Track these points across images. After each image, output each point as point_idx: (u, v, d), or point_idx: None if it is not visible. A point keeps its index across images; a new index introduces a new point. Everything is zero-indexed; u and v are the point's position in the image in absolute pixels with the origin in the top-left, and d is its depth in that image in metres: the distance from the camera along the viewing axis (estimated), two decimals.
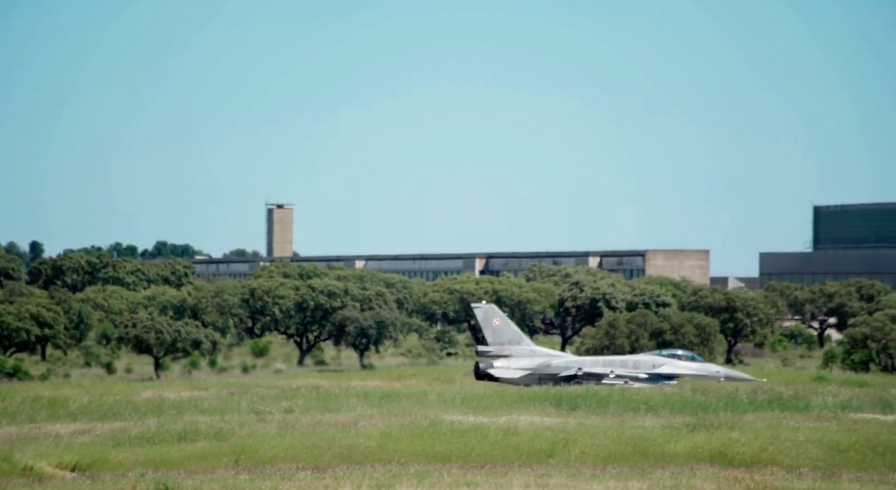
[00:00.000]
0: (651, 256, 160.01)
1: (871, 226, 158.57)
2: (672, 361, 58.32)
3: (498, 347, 59.64)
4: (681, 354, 59.26)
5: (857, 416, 41.19)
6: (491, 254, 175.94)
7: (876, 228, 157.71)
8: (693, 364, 58.55)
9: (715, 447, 34.38)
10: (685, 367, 58.27)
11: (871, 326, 78.54)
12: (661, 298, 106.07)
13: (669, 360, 58.34)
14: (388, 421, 40.08)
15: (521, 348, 59.48)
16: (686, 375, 58.00)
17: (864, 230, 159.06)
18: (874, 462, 33.07)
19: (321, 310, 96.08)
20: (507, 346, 59.56)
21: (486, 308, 61.18)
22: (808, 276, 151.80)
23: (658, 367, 57.98)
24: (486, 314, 60.74)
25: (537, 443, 35.32)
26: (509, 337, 59.89)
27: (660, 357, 58.81)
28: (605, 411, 43.66)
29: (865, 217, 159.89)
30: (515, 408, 44.35)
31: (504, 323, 60.29)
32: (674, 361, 58.35)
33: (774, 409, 43.88)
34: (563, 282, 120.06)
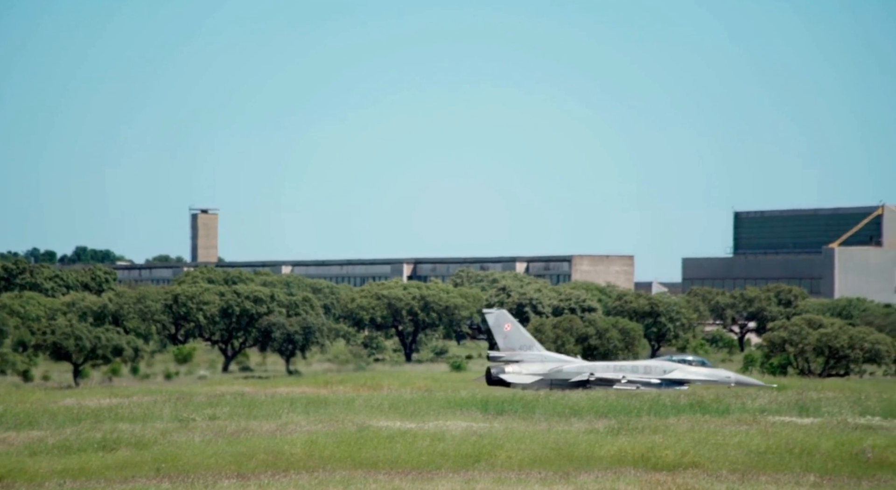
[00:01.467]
0: (577, 262, 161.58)
1: (789, 232, 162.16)
2: (683, 367, 58.39)
3: (509, 353, 59.31)
4: (691, 360, 59.33)
5: (774, 419, 41.94)
6: (419, 259, 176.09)
7: (794, 234, 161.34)
8: (703, 369, 58.68)
9: (639, 451, 34.73)
10: (696, 372, 58.39)
11: (788, 331, 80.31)
12: (587, 303, 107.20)
13: (680, 366, 58.38)
14: (314, 427, 39.73)
15: (533, 354, 59.21)
16: (697, 381, 58.11)
17: (783, 236, 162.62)
18: (791, 464, 33.73)
19: (247, 316, 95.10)
20: (518, 351, 59.27)
21: (498, 313, 60.73)
22: (729, 281, 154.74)
23: (669, 373, 57.99)
24: (498, 320, 60.28)
25: (464, 448, 35.31)
26: (520, 342, 59.54)
27: (670, 362, 58.75)
28: (531, 416, 43.84)
29: (784, 223, 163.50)
30: (443, 413, 44.29)
31: (515, 328, 59.98)
32: (684, 367, 58.43)
33: (696, 412, 44.49)
34: (490, 287, 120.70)
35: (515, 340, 59.54)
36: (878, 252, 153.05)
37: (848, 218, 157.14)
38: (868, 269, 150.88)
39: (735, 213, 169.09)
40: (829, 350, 77.77)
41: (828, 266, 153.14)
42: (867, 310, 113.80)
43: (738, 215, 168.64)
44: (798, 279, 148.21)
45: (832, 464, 33.87)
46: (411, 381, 63.25)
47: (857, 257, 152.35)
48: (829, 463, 33.94)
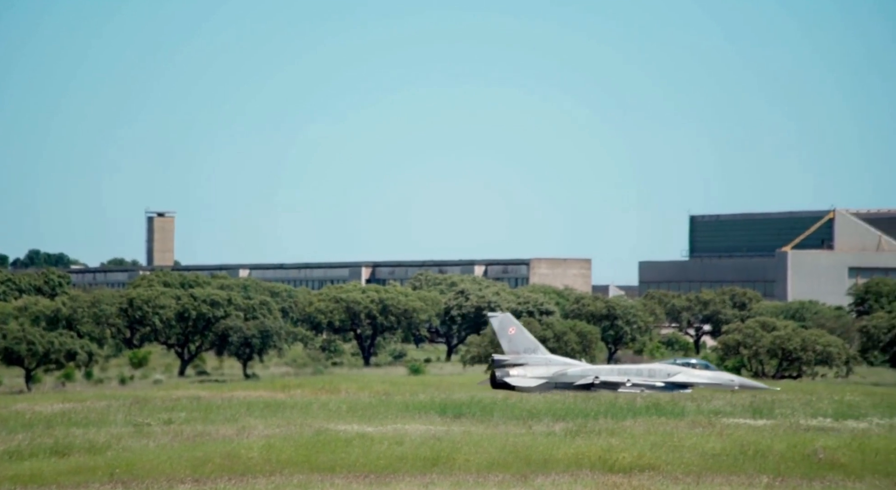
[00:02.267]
0: (535, 265, 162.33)
1: (743, 235, 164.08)
2: (687, 370, 58.56)
3: (514, 356, 59.17)
4: (695, 363, 59.44)
5: (729, 421, 42.38)
6: (377, 262, 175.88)
7: (748, 238, 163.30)
8: (707, 373, 58.82)
9: (596, 453, 34.99)
10: (699, 375, 58.53)
11: (743, 333, 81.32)
12: (545, 306, 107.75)
13: (684, 369, 58.55)
14: (271, 431, 39.59)
15: (537, 357, 59.18)
16: (701, 384, 58.27)
17: (738, 240, 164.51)
18: (745, 465, 34.15)
19: (203, 319, 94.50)
20: (522, 354, 59.14)
21: (502, 317, 60.68)
22: (684, 285, 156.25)
23: (673, 376, 58.15)
24: (502, 323, 60.22)
25: (422, 451, 35.37)
26: (525, 346, 59.47)
27: (674, 366, 58.94)
28: (489, 419, 43.98)
29: (738, 227, 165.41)
30: (402, 417, 44.31)
31: (519, 332, 59.92)
32: (688, 370, 58.59)
33: (652, 415, 44.88)
34: (448, 290, 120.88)
35: (520, 344, 59.40)
36: (830, 255, 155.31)
37: (800, 222, 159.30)
38: (820, 272, 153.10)
39: (690, 217, 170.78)
40: (782, 352, 78.84)
41: (781, 269, 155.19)
42: (819, 312, 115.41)
43: (694, 219, 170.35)
44: (752, 282, 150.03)
45: (785, 465, 34.34)
46: (369, 384, 63.22)
47: (810, 261, 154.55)
48: (782, 464, 34.42)
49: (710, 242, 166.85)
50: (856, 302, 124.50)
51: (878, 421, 42.73)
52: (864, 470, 33.75)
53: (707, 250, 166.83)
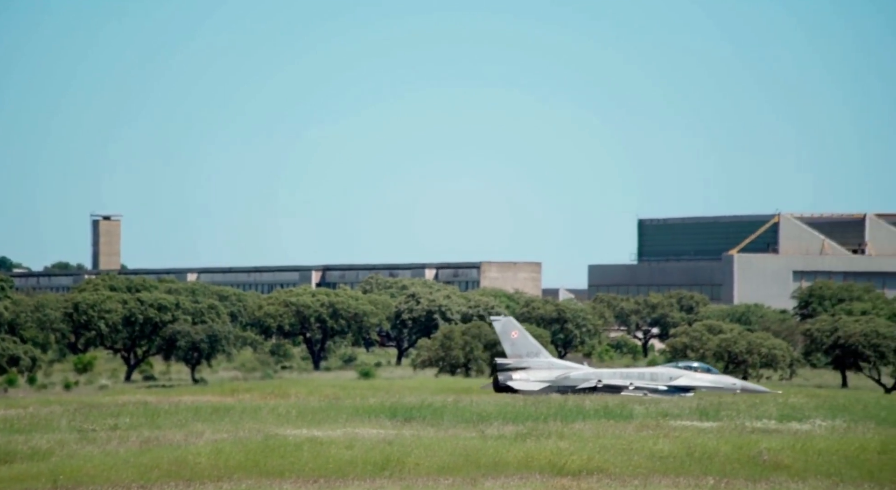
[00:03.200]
0: (486, 268, 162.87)
1: (691, 239, 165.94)
2: (689, 374, 58.74)
3: (516, 360, 59.27)
4: (697, 367, 59.72)
5: (676, 424, 42.87)
6: (327, 266, 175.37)
7: (696, 241, 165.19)
8: (709, 376, 59.07)
9: (545, 456, 35.20)
10: (701, 379, 58.75)
11: (690, 336, 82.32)
12: (496, 310, 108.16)
13: (686, 373, 58.74)
14: (219, 436, 39.30)
15: (540, 360, 59.30)
16: (703, 387, 58.48)
17: (685, 243, 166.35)
18: (691, 468, 34.58)
19: (150, 324, 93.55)
20: (525, 358, 59.23)
21: (505, 321, 60.83)
22: (633, 288, 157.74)
23: (675, 380, 58.31)
24: (505, 327, 60.28)
25: (372, 455, 35.35)
26: (527, 349, 59.47)
27: (676, 369, 59.14)
28: (439, 423, 44.05)
29: (686, 230, 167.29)
30: (351, 421, 44.22)
31: (522, 335, 59.99)
32: (690, 374, 58.77)
33: (601, 418, 45.22)
34: (399, 294, 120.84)
35: (522, 347, 59.45)
36: (775, 259, 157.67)
37: (747, 226, 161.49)
38: (765, 275, 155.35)
39: (639, 221, 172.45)
40: (728, 355, 79.92)
41: (727, 273, 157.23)
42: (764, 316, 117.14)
43: (642, 223, 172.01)
44: (700, 286, 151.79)
45: (730, 466, 34.80)
46: (319, 388, 62.98)
47: (755, 264, 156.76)
48: (728, 466, 34.88)
49: (659, 246, 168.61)
50: (800, 305, 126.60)
51: (821, 422, 43.45)
52: (806, 471, 34.34)
53: (655, 254, 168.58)
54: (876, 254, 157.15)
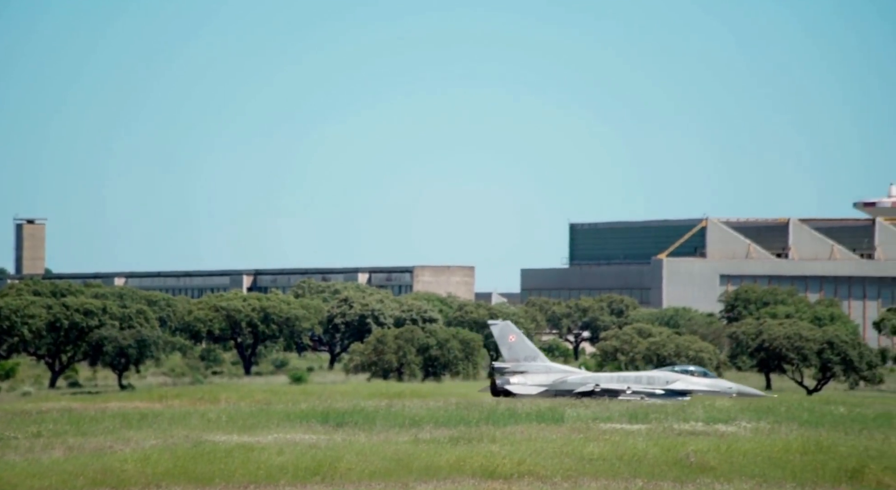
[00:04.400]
0: (419, 273, 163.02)
1: (621, 243, 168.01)
2: (685, 377, 59.08)
3: (514, 364, 59.35)
4: (693, 370, 60.02)
5: (606, 427, 43.35)
6: (259, 270, 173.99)
7: (626, 246, 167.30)
8: (705, 380, 59.42)
9: (477, 460, 35.35)
10: (698, 382, 59.08)
11: (620, 340, 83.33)
12: (429, 314, 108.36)
13: (682, 376, 59.07)
14: (147, 443, 38.75)
15: (537, 364, 59.43)
16: (699, 391, 58.75)
17: (616, 247, 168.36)
18: (620, 470, 35.02)
19: (76, 329, 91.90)
20: (522, 362, 59.38)
21: (503, 325, 61.05)
22: (565, 292, 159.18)
23: (672, 383, 58.53)
24: (502, 331, 60.50)
25: (304, 461, 35.16)
26: (525, 353, 59.65)
27: (673, 373, 59.36)
28: (372, 428, 43.96)
29: (616, 235, 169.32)
30: (283, 426, 43.92)
31: (520, 340, 60.08)
32: (687, 377, 59.12)
33: (532, 421, 45.54)
34: (332, 298, 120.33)
35: (520, 351, 59.68)
36: (703, 263, 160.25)
37: (675, 230, 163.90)
38: (693, 279, 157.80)
39: (570, 225, 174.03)
40: (657, 358, 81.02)
41: (656, 277, 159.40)
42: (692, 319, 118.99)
43: (574, 227, 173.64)
44: (629, 289, 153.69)
45: (658, 469, 35.30)
46: (250, 393, 62.46)
47: (683, 268, 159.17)
48: (656, 468, 35.37)
49: (590, 250, 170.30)
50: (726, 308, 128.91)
51: (746, 424, 44.24)
52: (732, 472, 34.98)
53: (586, 258, 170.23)
54: (799, 258, 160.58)
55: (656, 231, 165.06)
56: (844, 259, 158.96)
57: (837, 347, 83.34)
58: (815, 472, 34.81)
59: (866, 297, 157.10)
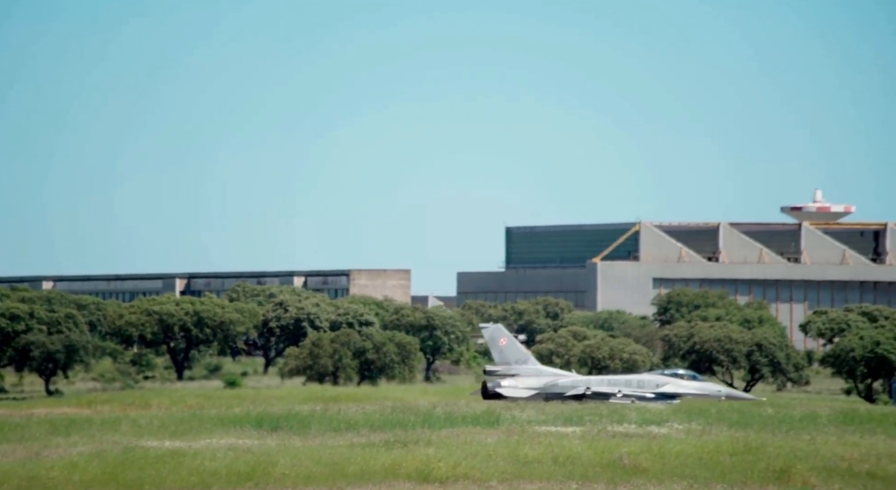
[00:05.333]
0: (355, 276, 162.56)
1: (556, 247, 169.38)
2: (675, 381, 59.36)
3: (505, 367, 59.52)
4: (682, 374, 60.35)
5: (542, 429, 43.58)
6: (192, 274, 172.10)
7: (561, 249, 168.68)
8: (695, 383, 59.66)
9: (412, 464, 35.29)
10: (687, 386, 59.34)
11: (555, 342, 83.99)
12: (365, 318, 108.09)
13: (672, 380, 59.35)
14: (75, 450, 38.02)
15: (528, 367, 59.57)
16: (689, 394, 59.02)
17: (551, 251, 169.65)
18: (555, 472, 35.22)
19: (2, 334, 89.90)
20: (513, 365, 59.52)
21: (494, 328, 61.12)
22: (501, 295, 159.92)
23: (662, 387, 58.80)
24: (493, 334, 60.61)
25: (237, 466, 34.77)
26: (516, 357, 59.80)
27: (662, 376, 59.69)
28: (306, 432, 43.66)
29: (552, 238, 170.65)
30: (216, 431, 43.40)
31: (511, 343, 60.24)
32: (677, 381, 59.41)
33: (468, 424, 45.60)
34: (267, 302, 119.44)
35: (511, 355, 59.99)
36: (636, 266, 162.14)
37: (609, 234, 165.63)
38: (627, 282, 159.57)
39: (507, 229, 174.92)
40: (591, 361, 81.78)
41: (591, 280, 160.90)
42: (626, 322, 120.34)
43: (510, 231, 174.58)
44: (565, 292, 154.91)
45: (592, 471, 35.56)
46: (182, 399, 61.65)
47: (617, 271, 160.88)
48: (590, 470, 35.62)
49: (526, 254, 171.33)
50: (659, 311, 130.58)
51: (678, 426, 44.81)
52: (664, 473, 35.37)
53: (522, 261, 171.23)
54: (729, 262, 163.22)
55: (591, 235, 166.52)
56: (772, 263, 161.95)
57: (766, 350, 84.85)
58: (744, 473, 35.34)
59: (793, 300, 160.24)
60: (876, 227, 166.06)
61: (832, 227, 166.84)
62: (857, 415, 50.63)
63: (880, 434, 43.60)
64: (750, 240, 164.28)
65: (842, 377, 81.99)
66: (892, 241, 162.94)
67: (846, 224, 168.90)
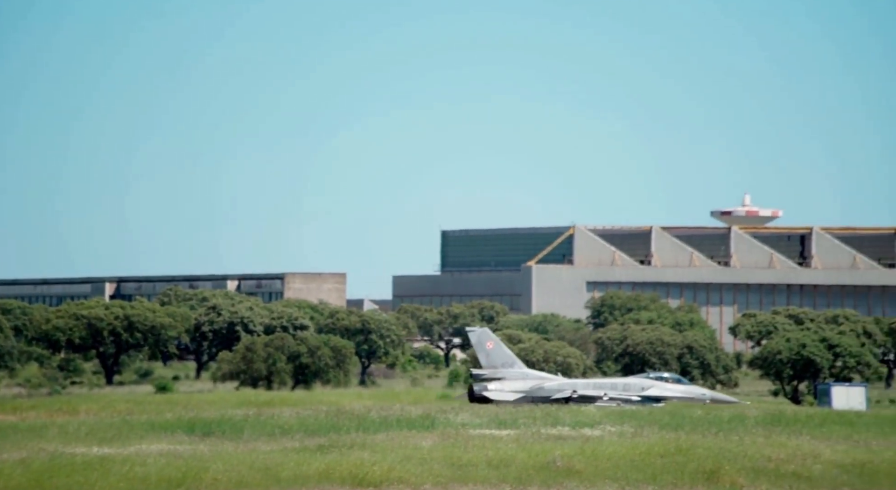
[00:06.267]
0: (290, 280, 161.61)
1: (492, 250, 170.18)
2: (660, 384, 59.66)
3: (491, 370, 59.70)
4: (667, 377, 60.66)
5: (476, 433, 43.69)
6: (122, 278, 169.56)
7: (496, 253, 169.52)
8: (680, 387, 60.05)
9: (346, 468, 35.14)
10: (672, 389, 59.63)
11: None
12: (299, 322, 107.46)
13: (657, 383, 59.64)
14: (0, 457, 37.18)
15: (514, 371, 59.82)
16: (674, 398, 59.28)
17: (487, 254, 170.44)
18: (488, 475, 35.35)
19: None
20: (500, 368, 59.76)
21: (480, 332, 61.51)
22: (436, 299, 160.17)
23: (647, 390, 59.06)
24: (480, 338, 60.83)
25: (167, 472, 34.32)
26: (502, 360, 59.97)
27: (648, 380, 59.94)
28: (239, 437, 43.22)
29: (487, 242, 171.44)
30: (146, 437, 42.77)
31: (497, 346, 60.41)
32: (662, 384, 59.70)
33: (403, 428, 45.54)
34: (199, 306, 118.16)
35: (497, 358, 60.14)
36: (570, 270, 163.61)
37: (544, 238, 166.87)
38: (561, 286, 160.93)
39: (442, 232, 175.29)
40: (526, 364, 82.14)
41: (526, 283, 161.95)
42: (560, 325, 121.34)
43: (446, 234, 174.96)
44: (500, 296, 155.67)
45: (526, 473, 35.75)
46: (112, 404, 60.65)
47: (552, 275, 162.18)
48: (523, 473, 35.81)
49: (461, 257, 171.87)
50: (592, 314, 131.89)
51: (610, 428, 45.28)
52: (596, 476, 35.70)
53: (458, 265, 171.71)
54: (661, 265, 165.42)
55: (526, 239, 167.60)
56: (703, 266, 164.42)
57: (696, 352, 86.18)
58: (675, 474, 35.80)
59: (723, 302, 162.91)
60: (802, 231, 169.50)
61: (760, 231, 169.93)
62: (784, 416, 51.59)
63: (805, 435, 44.48)
64: (681, 243, 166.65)
65: (769, 379, 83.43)
66: (817, 245, 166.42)
67: (774, 228, 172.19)
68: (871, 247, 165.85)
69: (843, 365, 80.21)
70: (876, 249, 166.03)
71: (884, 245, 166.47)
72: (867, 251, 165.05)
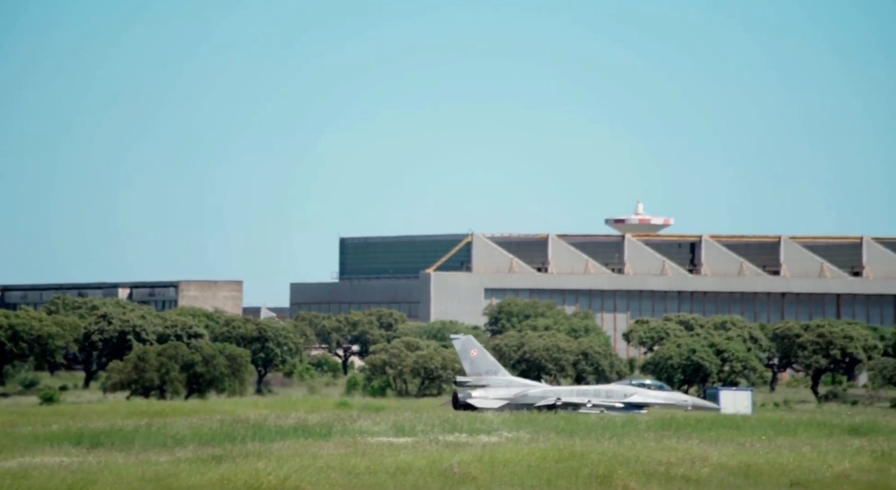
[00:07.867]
0: (184, 287, 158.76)
1: (391, 258, 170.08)
2: (642, 391, 59.79)
3: (475, 378, 59.60)
4: (650, 384, 60.82)
5: (374, 441, 43.39)
6: (7, 286, 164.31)
7: (395, 260, 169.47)
8: (662, 393, 60.32)
9: (242, 478, 34.55)
10: (655, 396, 59.86)
11: (389, 353, 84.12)
12: (194, 330, 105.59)
13: (640, 390, 59.74)
14: None
15: (498, 378, 59.72)
16: (656, 404, 59.45)
17: (385, 262, 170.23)
18: (386, 483, 35.16)
19: None
20: (484, 376, 59.67)
21: (464, 339, 61.23)
22: (335, 306, 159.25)
23: (630, 397, 59.11)
24: (464, 345, 60.67)
25: (52, 485, 33.18)
26: (486, 367, 59.87)
27: (630, 387, 59.99)
28: (129, 448, 42.09)
29: (386, 249, 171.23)
30: (30, 449, 41.31)
31: (481, 354, 60.27)
32: (644, 391, 59.85)
33: (300, 437, 44.97)
34: (89, 314, 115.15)
35: (481, 366, 60.09)
36: (468, 277, 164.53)
37: (442, 245, 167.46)
38: (459, 293, 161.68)
39: (340, 239, 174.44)
40: (424, 371, 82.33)
41: (424, 290, 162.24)
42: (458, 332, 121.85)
43: (344, 241, 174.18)
44: (399, 303, 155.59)
45: (423, 480, 35.65)
46: None
47: (450, 282, 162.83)
48: (421, 480, 35.70)
49: (360, 264, 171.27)
50: (490, 321, 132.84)
51: (507, 434, 45.54)
52: (493, 481, 35.82)
53: (356, 272, 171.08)
54: (557, 272, 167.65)
55: (424, 246, 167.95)
56: (598, 273, 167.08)
57: (591, 358, 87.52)
58: (569, 479, 36.14)
59: (617, 309, 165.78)
60: (692, 239, 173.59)
61: (653, 239, 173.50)
62: (675, 420, 52.66)
63: (695, 438, 45.44)
64: (577, 251, 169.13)
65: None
66: (706, 253, 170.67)
67: (665, 236, 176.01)
68: (756, 254, 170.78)
69: (731, 370, 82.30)
70: (761, 257, 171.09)
71: (768, 252, 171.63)
72: (753, 258, 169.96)
